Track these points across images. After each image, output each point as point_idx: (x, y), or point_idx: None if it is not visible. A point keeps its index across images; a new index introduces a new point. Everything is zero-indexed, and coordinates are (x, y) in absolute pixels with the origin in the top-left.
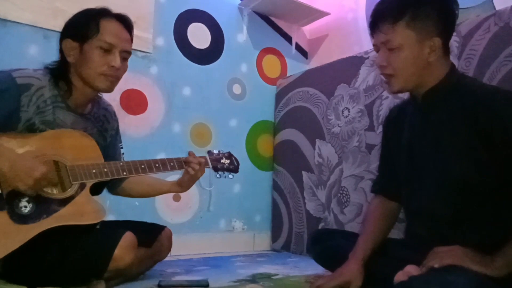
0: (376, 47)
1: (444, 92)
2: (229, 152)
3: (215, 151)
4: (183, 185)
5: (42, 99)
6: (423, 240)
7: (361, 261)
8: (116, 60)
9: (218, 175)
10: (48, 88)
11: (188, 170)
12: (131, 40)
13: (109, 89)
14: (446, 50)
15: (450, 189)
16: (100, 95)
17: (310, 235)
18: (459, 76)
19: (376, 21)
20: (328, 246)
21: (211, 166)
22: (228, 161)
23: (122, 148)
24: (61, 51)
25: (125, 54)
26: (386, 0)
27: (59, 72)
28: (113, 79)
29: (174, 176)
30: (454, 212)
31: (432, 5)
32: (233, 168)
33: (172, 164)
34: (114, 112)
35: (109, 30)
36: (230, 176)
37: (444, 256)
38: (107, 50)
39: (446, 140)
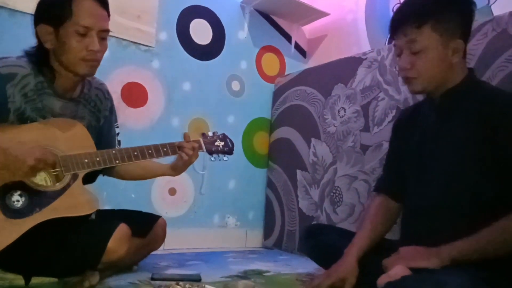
0: (398, 49)
1: (463, 94)
2: (223, 134)
3: (210, 133)
4: (177, 169)
5: (29, 87)
6: (420, 240)
7: (356, 259)
8: (94, 43)
9: (212, 158)
10: (33, 75)
11: (182, 156)
12: (108, 15)
13: (91, 73)
14: (465, 53)
15: (455, 191)
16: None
17: (303, 230)
18: (477, 80)
19: (400, 23)
20: (321, 241)
21: (205, 150)
22: (222, 143)
23: (117, 127)
24: (37, 36)
25: (103, 34)
26: (410, 2)
27: (40, 58)
28: (94, 63)
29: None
30: (458, 214)
31: (456, 8)
32: (228, 150)
33: (165, 149)
34: (107, 91)
35: (83, 12)
36: (225, 158)
37: (396, 261)
38: (83, 34)
39: (458, 142)
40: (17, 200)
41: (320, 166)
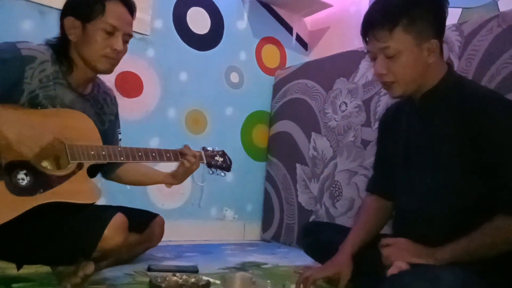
0: (372, 54)
1: (442, 94)
2: (223, 151)
3: (210, 148)
4: (177, 177)
5: (44, 74)
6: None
7: (350, 254)
8: (119, 43)
9: (211, 172)
10: (51, 63)
11: (184, 163)
12: (132, 23)
13: (109, 71)
14: (441, 51)
15: (441, 192)
16: (99, 78)
17: (301, 227)
18: (457, 78)
19: (371, 28)
20: (318, 239)
21: (205, 162)
22: (221, 159)
23: (120, 133)
24: (62, 27)
25: (127, 37)
26: (378, 6)
27: (60, 49)
28: (114, 61)
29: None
30: (444, 215)
31: (427, 7)
32: (226, 166)
33: (168, 155)
34: (115, 97)
35: (114, 13)
36: (222, 174)
37: (391, 251)
38: (110, 32)
39: (441, 143)
40: (22, 178)
41: (320, 160)
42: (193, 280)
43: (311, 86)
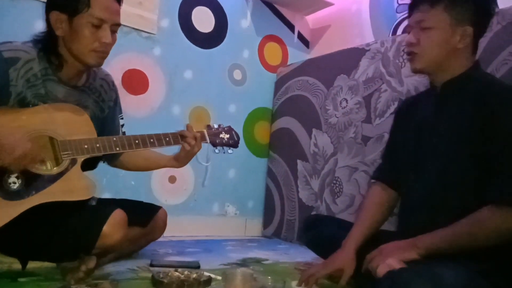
0: (410, 28)
1: (464, 85)
2: (229, 126)
3: (215, 125)
4: (180, 160)
5: (31, 72)
6: (417, 232)
7: (353, 250)
8: (107, 36)
9: (217, 150)
10: (37, 61)
11: (184, 146)
12: (119, 11)
13: (99, 65)
14: (475, 45)
15: (450, 179)
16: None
17: (303, 220)
18: (482, 73)
19: (417, 1)
20: (320, 233)
21: (208, 141)
22: (227, 136)
23: (122, 118)
24: (47, 22)
25: (115, 27)
26: None
27: (48, 45)
28: (104, 54)
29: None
30: (452, 203)
31: None
32: (233, 142)
33: (167, 139)
34: (113, 82)
35: (100, 4)
36: (230, 151)
37: (377, 260)
38: (98, 25)
39: (453, 132)
40: (14, 182)
41: (321, 156)
42: (194, 275)
43: (312, 83)
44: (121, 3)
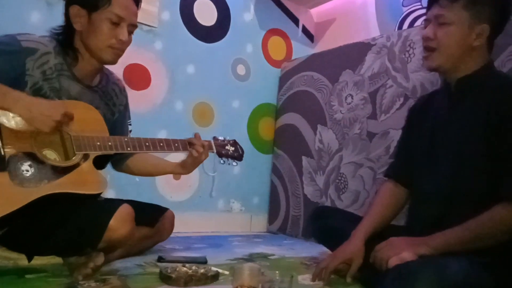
0: (427, 22)
1: (478, 82)
2: (234, 140)
3: (221, 138)
4: (186, 167)
5: (47, 66)
6: (427, 226)
7: (362, 241)
8: (124, 34)
9: (222, 161)
10: (54, 55)
11: (192, 153)
12: (137, 13)
13: (114, 62)
14: (490, 44)
15: (464, 176)
16: (107, 69)
17: (310, 212)
18: (495, 72)
19: None
20: (327, 224)
21: (215, 151)
22: (232, 148)
23: (130, 125)
24: (67, 15)
25: (132, 28)
26: None
27: (65, 39)
28: (119, 52)
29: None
30: (466, 201)
31: None
32: (237, 155)
33: (176, 144)
34: (124, 88)
35: (121, 3)
36: (234, 163)
37: (386, 251)
38: (116, 23)
39: (468, 129)
40: (27, 170)
41: (326, 152)
42: (202, 270)
43: (317, 79)
44: (139, 6)
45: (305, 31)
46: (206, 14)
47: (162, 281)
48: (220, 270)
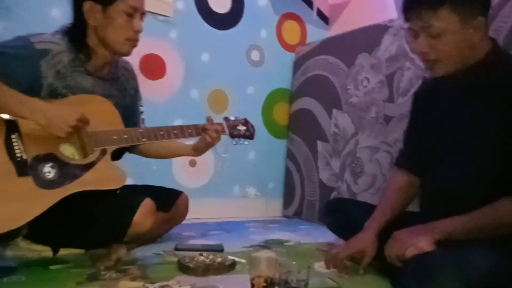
0: (413, 32)
1: (488, 70)
2: (245, 119)
3: (232, 118)
4: (198, 150)
5: (61, 64)
6: (437, 217)
7: (375, 232)
8: (140, 24)
9: (234, 142)
10: (66, 52)
11: (206, 138)
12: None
13: (130, 53)
14: (487, 26)
15: (479, 170)
16: None
17: (324, 204)
18: (501, 54)
19: (414, 7)
20: (342, 216)
21: (228, 133)
22: (244, 128)
23: (142, 106)
24: (78, 12)
25: (143, 16)
26: None
27: (77, 35)
28: (136, 43)
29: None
30: (478, 194)
31: None
32: (249, 134)
33: (190, 131)
34: (133, 70)
35: None
36: (246, 142)
37: (394, 246)
38: (131, 14)
39: (481, 123)
40: (49, 171)
41: (342, 137)
42: (219, 260)
43: (332, 62)
44: None
45: (319, 13)
46: (220, 1)
47: (180, 271)
48: (237, 259)
